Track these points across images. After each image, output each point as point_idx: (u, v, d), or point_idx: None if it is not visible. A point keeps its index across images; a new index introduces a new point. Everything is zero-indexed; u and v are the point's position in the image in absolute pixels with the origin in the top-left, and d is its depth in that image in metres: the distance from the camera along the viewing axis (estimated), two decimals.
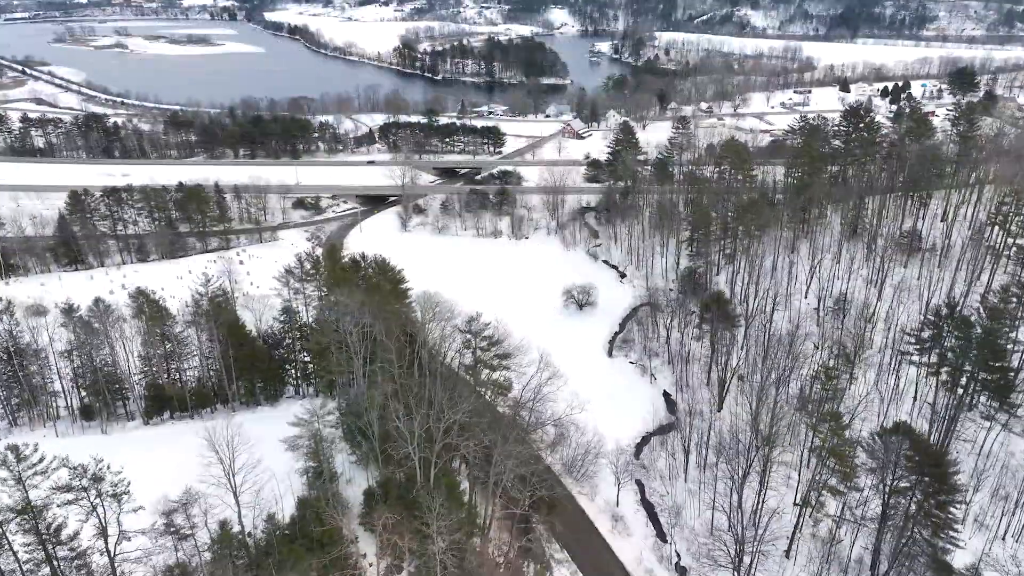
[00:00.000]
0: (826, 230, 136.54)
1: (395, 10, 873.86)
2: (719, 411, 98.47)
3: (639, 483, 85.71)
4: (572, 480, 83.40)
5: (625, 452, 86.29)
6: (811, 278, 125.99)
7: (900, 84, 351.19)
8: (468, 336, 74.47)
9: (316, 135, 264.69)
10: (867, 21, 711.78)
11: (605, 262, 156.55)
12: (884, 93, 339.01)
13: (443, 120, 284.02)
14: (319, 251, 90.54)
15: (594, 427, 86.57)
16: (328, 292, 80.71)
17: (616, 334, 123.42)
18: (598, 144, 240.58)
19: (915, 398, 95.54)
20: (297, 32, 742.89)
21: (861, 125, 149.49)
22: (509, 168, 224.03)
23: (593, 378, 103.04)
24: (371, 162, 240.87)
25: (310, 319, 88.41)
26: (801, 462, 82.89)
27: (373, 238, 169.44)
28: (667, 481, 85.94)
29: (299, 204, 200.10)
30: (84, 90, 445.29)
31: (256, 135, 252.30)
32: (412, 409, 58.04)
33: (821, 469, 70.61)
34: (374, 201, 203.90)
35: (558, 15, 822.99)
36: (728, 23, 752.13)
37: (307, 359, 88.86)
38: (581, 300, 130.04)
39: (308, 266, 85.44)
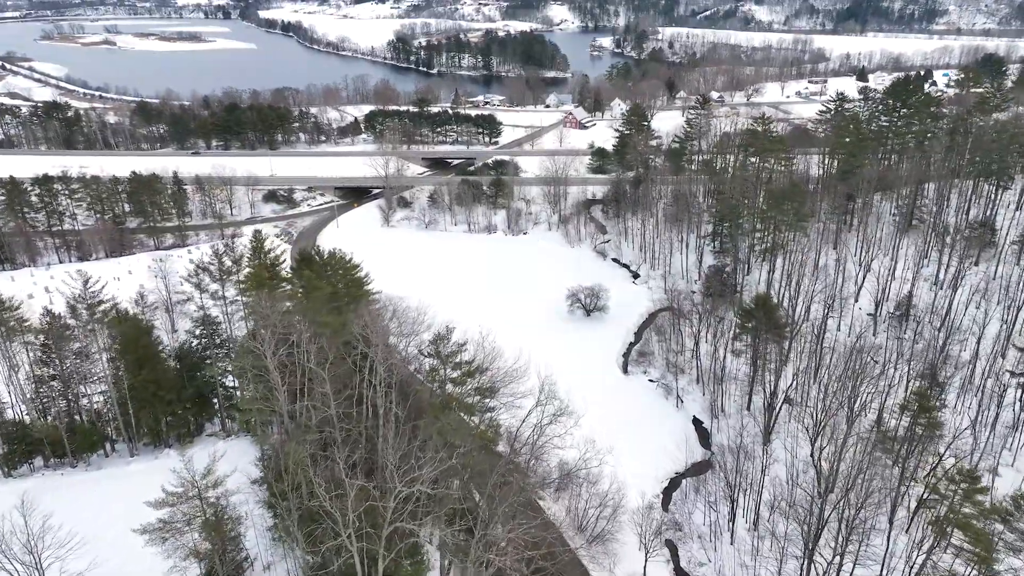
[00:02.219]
0: (878, 223, 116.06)
1: (391, 7, 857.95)
2: (767, 445, 77.95)
3: (671, 545, 66.04)
4: (584, 543, 62.96)
5: (653, 507, 65.86)
6: (863, 278, 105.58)
7: (922, 73, 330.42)
8: (435, 362, 52.96)
9: (296, 124, 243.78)
10: (875, 15, 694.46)
11: (615, 260, 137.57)
12: (905, 82, 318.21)
13: (435, 109, 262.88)
14: (244, 244, 69.63)
15: (612, 470, 66.25)
16: (249, 296, 59.89)
17: (631, 345, 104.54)
18: (603, 134, 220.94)
19: (1016, 429, 75.58)
20: (290, 29, 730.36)
21: (914, 99, 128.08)
22: (506, 158, 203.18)
23: (606, 401, 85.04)
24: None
25: (233, 332, 67.36)
26: (891, 522, 62.29)
27: (351, 233, 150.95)
28: (707, 543, 65.92)
29: (271, 197, 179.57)
30: (63, 84, 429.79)
31: (231, 125, 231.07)
32: (343, 480, 37.04)
33: (942, 544, 49.98)
34: (356, 194, 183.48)
35: (558, 11, 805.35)
36: (732, 18, 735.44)
37: (232, 385, 67.81)
38: (588, 304, 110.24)
39: (229, 262, 64.75)
